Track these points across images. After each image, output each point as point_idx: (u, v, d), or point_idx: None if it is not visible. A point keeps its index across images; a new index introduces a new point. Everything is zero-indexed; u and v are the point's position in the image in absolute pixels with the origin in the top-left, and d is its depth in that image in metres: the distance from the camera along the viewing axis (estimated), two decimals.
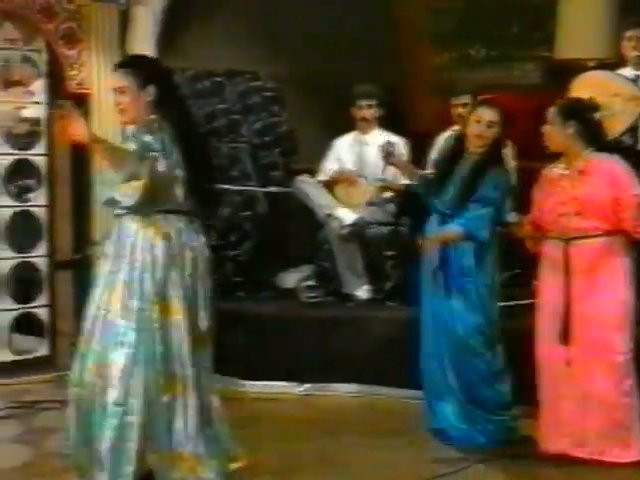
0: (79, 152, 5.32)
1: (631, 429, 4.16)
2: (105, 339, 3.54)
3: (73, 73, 5.98)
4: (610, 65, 5.60)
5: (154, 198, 3.53)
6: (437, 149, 5.91)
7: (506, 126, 4.62)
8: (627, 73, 5.32)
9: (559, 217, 4.22)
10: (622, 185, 4.14)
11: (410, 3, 7.46)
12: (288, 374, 5.51)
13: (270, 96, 6.71)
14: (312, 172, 6.19)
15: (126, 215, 3.59)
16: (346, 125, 6.18)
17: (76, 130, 3.39)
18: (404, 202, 5.97)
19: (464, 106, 5.75)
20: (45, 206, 5.95)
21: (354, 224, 5.84)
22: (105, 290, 3.58)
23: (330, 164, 6.18)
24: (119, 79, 3.64)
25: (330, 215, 5.88)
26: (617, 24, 5.91)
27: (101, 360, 3.54)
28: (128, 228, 3.58)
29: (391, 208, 6.05)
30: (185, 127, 3.62)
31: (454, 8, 7.36)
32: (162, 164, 3.47)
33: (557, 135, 4.24)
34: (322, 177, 6.14)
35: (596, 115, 4.30)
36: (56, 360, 5.93)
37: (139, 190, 3.47)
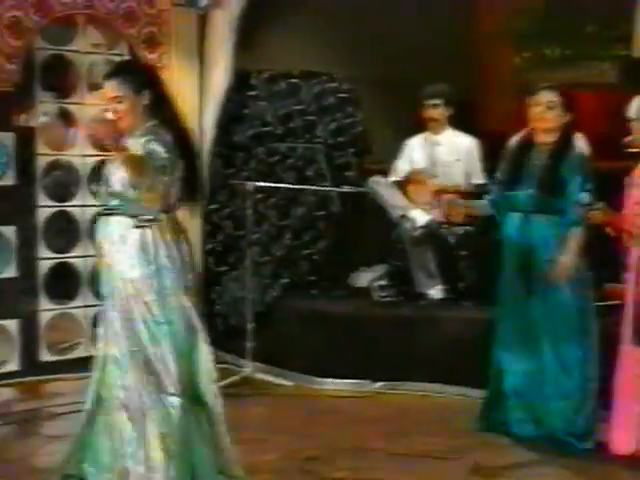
0: None
1: None
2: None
3: None
4: None
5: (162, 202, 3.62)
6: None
7: (572, 111, 4.51)
8: None
9: (635, 217, 4.19)
10: None
11: (487, 3, 7.45)
12: (361, 372, 5.56)
13: (345, 97, 6.77)
14: (385, 172, 6.23)
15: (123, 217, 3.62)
16: (419, 125, 6.21)
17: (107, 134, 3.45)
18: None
19: None
20: None
21: (427, 225, 5.86)
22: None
23: (402, 164, 6.20)
24: (114, 88, 3.56)
25: (403, 216, 5.91)
26: None
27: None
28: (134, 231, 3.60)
29: None
30: (178, 128, 3.65)
31: (532, 7, 7.32)
32: (170, 169, 3.54)
33: None
34: (395, 177, 6.19)
35: None
36: None
37: (158, 199, 3.56)
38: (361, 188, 6.26)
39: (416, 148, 6.18)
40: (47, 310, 5.78)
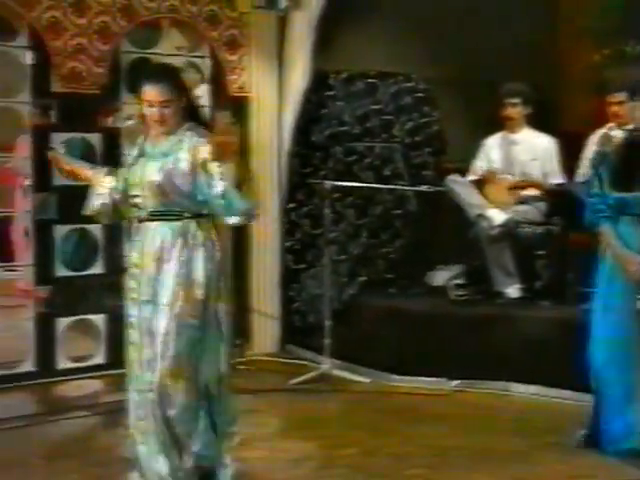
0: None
1: None
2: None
3: (234, 78, 6.26)
4: None
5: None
6: (591, 148, 5.84)
7: None
8: None
9: None
10: None
11: (566, 1, 7.38)
12: (438, 370, 5.58)
13: (422, 97, 6.80)
14: (462, 171, 6.23)
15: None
16: (497, 124, 6.20)
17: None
18: (557, 201, 5.96)
19: (619, 104, 5.65)
20: None
21: (504, 224, 5.85)
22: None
23: (480, 163, 6.20)
24: (162, 92, 3.56)
25: (480, 215, 5.90)
26: None
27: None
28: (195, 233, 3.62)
29: (542, 207, 6.04)
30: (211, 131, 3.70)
31: (612, 4, 7.21)
32: None
33: None
34: (472, 177, 6.18)
35: None
36: None
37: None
38: (438, 187, 6.26)
39: (493, 147, 6.17)
40: None
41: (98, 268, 5.81)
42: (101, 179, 3.74)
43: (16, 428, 4.80)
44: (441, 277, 6.31)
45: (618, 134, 4.66)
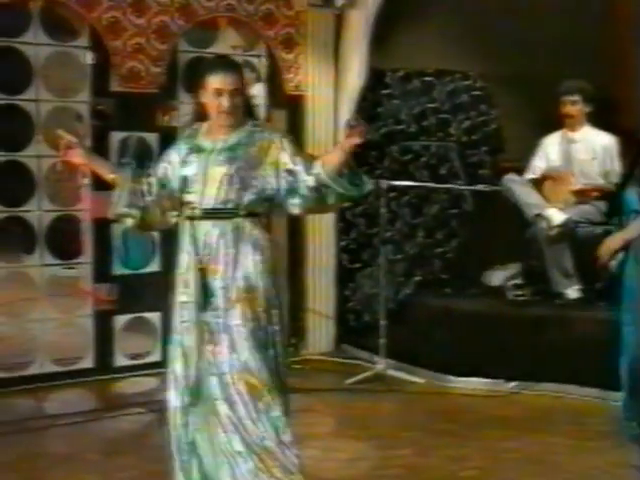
0: None
1: None
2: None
3: (290, 76, 6.27)
4: None
5: None
6: None
7: None
8: None
9: None
10: None
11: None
12: (494, 371, 5.53)
13: (479, 95, 6.76)
14: (520, 170, 6.17)
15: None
16: (555, 123, 6.12)
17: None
18: (617, 201, 5.85)
19: None
20: None
21: (563, 224, 5.78)
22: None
23: (538, 162, 6.13)
24: (232, 80, 3.38)
25: (539, 215, 5.83)
26: None
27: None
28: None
29: (602, 207, 5.94)
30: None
31: None
32: None
33: None
34: (530, 175, 6.11)
35: None
36: None
37: None
38: (495, 186, 6.22)
39: (552, 146, 6.10)
40: None
41: (155, 266, 5.87)
42: (126, 181, 3.50)
43: (74, 424, 4.88)
44: (498, 277, 6.26)
45: None
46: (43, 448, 4.66)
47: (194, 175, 3.43)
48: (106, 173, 3.54)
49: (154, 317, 5.85)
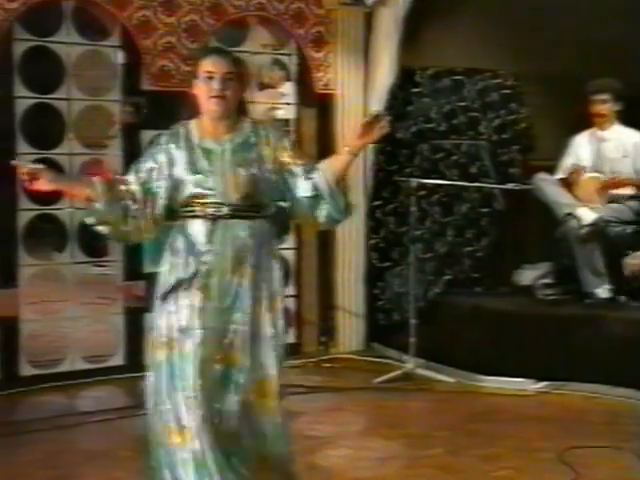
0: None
1: None
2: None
3: (319, 75, 6.27)
4: None
5: None
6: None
7: None
8: None
9: None
10: None
11: None
12: (524, 371, 5.50)
13: (509, 93, 6.73)
14: (550, 169, 6.14)
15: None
16: (586, 121, 6.08)
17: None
18: None
19: None
20: None
21: (594, 223, 5.74)
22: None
23: (569, 161, 6.09)
24: (225, 63, 3.21)
25: (569, 214, 5.79)
26: None
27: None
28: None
29: (634, 205, 5.90)
30: None
31: None
32: None
33: None
34: (561, 174, 6.08)
35: None
36: (303, 348, 6.29)
37: None
38: (525, 185, 6.19)
39: (582, 144, 6.07)
40: None
41: None
42: (103, 192, 3.18)
43: (105, 421, 4.91)
44: (528, 276, 6.23)
45: None
46: (75, 445, 4.68)
47: (208, 177, 3.20)
48: (80, 190, 3.26)
49: None
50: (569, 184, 5.96)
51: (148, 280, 5.74)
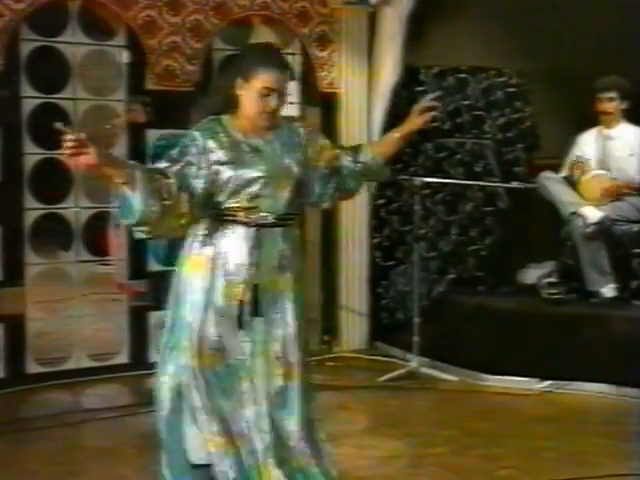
0: None
1: None
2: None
3: (324, 74, 6.27)
4: None
5: None
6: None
7: None
8: None
9: None
10: None
11: None
12: (528, 370, 5.50)
13: (513, 92, 6.72)
14: (555, 168, 6.13)
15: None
16: (591, 120, 6.07)
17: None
18: None
19: None
20: None
21: (599, 222, 5.73)
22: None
23: (573, 159, 6.10)
24: (286, 80, 3.11)
25: (574, 213, 5.79)
26: None
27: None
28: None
29: (639, 204, 5.89)
30: None
31: None
32: None
33: None
34: (566, 173, 6.08)
35: None
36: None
37: None
38: (530, 184, 6.18)
39: (588, 143, 6.06)
40: None
41: None
42: (139, 183, 2.93)
43: (110, 418, 4.92)
44: (533, 275, 6.22)
45: None
46: (80, 442, 4.71)
47: (257, 178, 3.06)
48: (118, 176, 2.94)
49: None
50: (574, 182, 5.96)
51: (151, 279, 5.79)
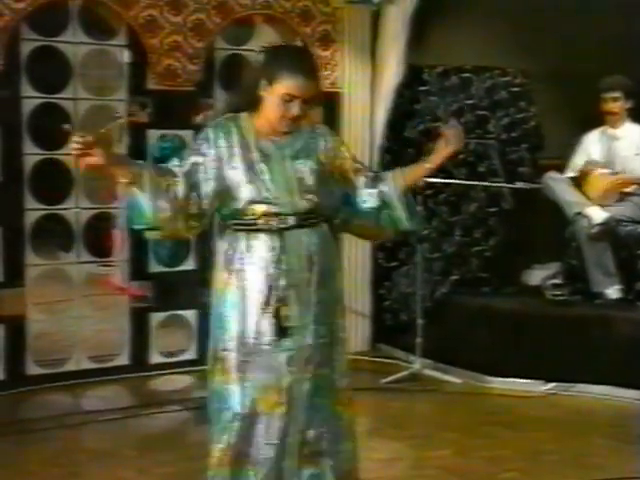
0: None
1: None
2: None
3: (326, 73, 6.23)
4: None
5: None
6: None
7: None
8: None
9: None
10: None
11: None
12: (532, 372, 5.46)
13: (518, 91, 6.68)
14: (560, 168, 6.10)
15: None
16: (596, 119, 6.03)
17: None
18: None
19: None
20: None
21: (604, 223, 5.69)
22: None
23: (579, 160, 6.05)
24: (312, 86, 2.97)
25: (579, 213, 5.76)
26: None
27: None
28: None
29: None
30: None
31: None
32: None
33: None
34: (571, 173, 6.04)
35: None
36: None
37: None
38: (534, 184, 6.15)
39: (593, 143, 6.04)
40: None
41: (190, 264, 5.88)
42: (147, 183, 2.92)
43: (111, 420, 4.90)
44: (537, 276, 6.20)
45: None
46: (81, 444, 4.69)
47: (270, 185, 2.99)
48: (125, 176, 2.91)
49: (190, 315, 5.85)
50: (579, 183, 5.92)
51: (152, 280, 5.77)
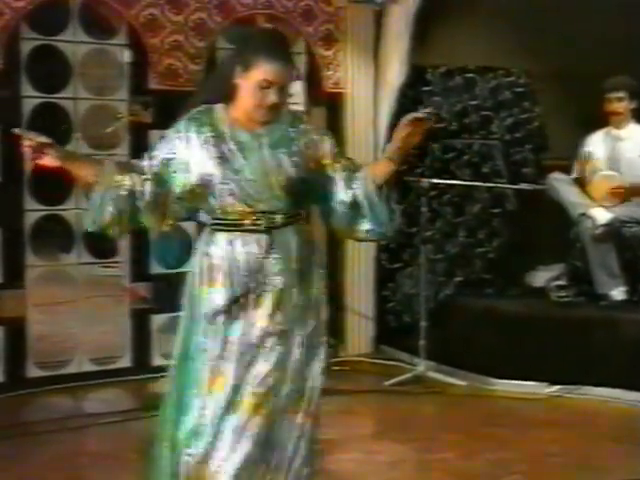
0: None
1: None
2: None
3: (329, 73, 6.22)
4: None
5: None
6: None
7: None
8: None
9: None
10: None
11: None
12: (536, 374, 5.42)
13: (522, 92, 6.67)
14: (564, 169, 6.07)
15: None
16: (600, 120, 6.00)
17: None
18: None
19: None
20: None
21: (609, 224, 5.66)
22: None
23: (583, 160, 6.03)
24: (288, 73, 2.86)
25: (584, 214, 5.73)
26: None
27: None
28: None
29: None
30: None
31: None
32: None
33: None
34: (575, 174, 6.01)
35: None
36: None
37: None
38: (538, 185, 6.13)
39: (597, 144, 6.01)
40: None
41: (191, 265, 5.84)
42: (109, 180, 2.85)
43: (113, 423, 4.87)
44: (541, 278, 6.17)
45: None
46: (82, 447, 4.66)
47: (248, 179, 2.84)
48: (88, 175, 2.86)
49: None
50: (584, 184, 5.89)
51: (154, 281, 5.74)
